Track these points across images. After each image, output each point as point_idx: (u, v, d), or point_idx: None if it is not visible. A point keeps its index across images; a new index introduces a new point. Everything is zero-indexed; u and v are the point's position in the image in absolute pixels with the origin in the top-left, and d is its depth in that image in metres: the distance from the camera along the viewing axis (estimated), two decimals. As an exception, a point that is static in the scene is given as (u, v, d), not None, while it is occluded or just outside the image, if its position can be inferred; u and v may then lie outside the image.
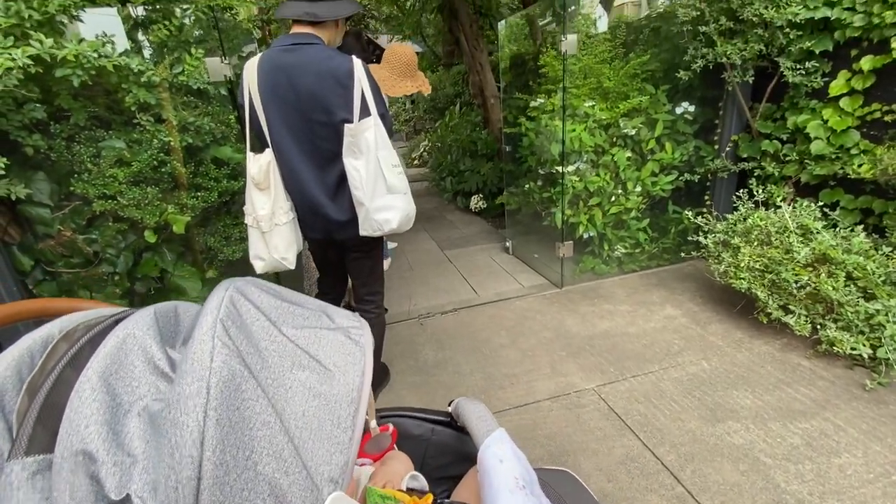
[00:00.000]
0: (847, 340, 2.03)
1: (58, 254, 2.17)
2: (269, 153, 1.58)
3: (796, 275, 2.19)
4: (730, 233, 2.55)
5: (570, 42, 2.71)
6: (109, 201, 2.12)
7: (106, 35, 2.00)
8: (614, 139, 3.13)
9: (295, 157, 1.53)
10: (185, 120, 2.18)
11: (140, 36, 2.08)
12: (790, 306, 2.24)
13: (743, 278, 2.35)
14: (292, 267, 1.65)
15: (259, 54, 1.51)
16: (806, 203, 2.48)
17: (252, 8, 2.34)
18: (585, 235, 3.18)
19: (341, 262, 1.87)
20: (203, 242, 2.47)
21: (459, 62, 5.27)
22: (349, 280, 1.94)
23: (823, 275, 2.15)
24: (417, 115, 9.05)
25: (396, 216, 1.51)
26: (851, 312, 2.06)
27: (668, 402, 1.93)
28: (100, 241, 2.20)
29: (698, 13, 2.77)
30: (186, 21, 2.11)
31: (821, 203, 2.52)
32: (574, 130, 2.95)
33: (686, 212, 3.22)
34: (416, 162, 8.61)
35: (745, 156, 2.99)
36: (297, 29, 1.49)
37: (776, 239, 2.33)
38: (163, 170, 2.16)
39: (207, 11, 2.13)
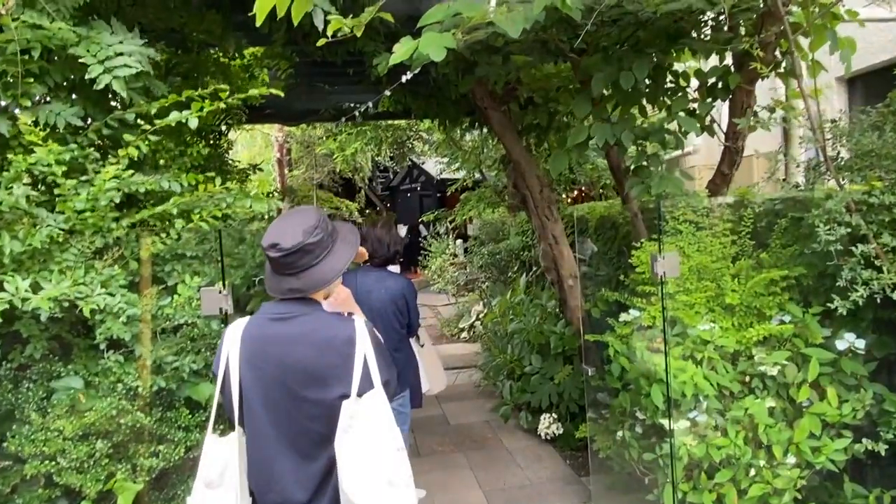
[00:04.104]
0: None
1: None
2: (233, 440, 1.35)
3: None
4: None
5: (669, 263, 2.04)
6: (47, 462, 1.65)
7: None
8: (747, 378, 2.24)
9: (271, 443, 1.34)
10: (163, 359, 1.76)
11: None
12: None
13: None
14: None
15: (246, 318, 1.40)
16: None
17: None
18: (713, 523, 2.13)
19: None
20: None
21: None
22: None
23: None
24: (470, 270, 7.01)
25: None
26: None
27: None
28: (21, 514, 1.69)
29: (848, 228, 1.99)
30: (186, 234, 1.83)
31: None
32: (685, 370, 2.13)
33: (874, 496, 2.10)
34: (464, 335, 6.23)
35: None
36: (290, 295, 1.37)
37: None
38: (121, 421, 1.69)
39: (214, 223, 1.85)
